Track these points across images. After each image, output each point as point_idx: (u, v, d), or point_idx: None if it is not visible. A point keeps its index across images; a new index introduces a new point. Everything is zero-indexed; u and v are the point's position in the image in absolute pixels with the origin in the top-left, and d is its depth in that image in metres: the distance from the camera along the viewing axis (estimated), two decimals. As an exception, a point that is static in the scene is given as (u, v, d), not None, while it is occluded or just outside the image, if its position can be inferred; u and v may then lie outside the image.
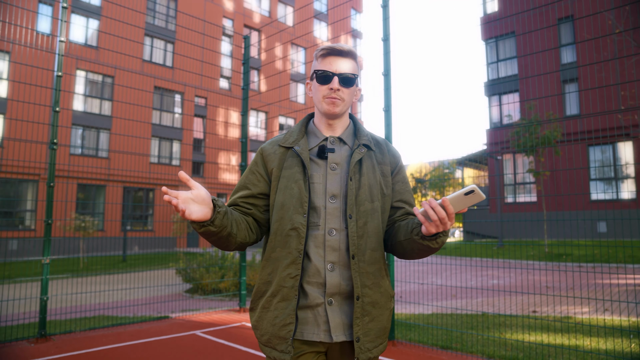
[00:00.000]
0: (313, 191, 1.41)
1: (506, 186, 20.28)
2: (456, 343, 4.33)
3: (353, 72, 1.45)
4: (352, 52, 1.46)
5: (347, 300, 1.39)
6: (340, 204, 1.41)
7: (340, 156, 1.47)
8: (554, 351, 3.99)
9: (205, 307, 6.86)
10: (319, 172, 1.44)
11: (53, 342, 4.48)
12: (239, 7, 29.78)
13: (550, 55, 18.73)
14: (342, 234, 1.39)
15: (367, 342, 1.36)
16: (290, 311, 1.34)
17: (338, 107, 1.44)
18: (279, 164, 1.46)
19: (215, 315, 5.89)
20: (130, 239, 20.99)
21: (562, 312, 5.96)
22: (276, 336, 1.35)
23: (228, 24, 29.32)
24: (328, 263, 1.37)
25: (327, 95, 1.43)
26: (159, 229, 23.55)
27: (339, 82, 1.42)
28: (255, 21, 30.75)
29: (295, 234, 1.37)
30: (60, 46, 4.78)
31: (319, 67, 1.45)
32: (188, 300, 7.93)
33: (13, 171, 19.43)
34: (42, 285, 4.48)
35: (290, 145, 1.47)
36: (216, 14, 28.24)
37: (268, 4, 32.04)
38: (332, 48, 1.44)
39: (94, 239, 19.17)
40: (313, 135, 1.52)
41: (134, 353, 4.17)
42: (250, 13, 30.48)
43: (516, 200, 20.16)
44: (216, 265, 8.76)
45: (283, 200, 1.41)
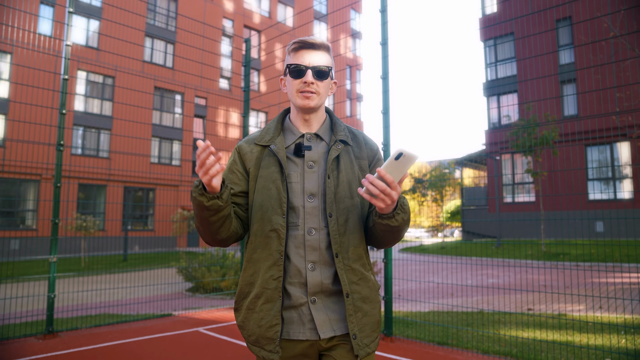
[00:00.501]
0: (291, 191, 1.40)
1: (505, 186, 20.41)
2: (452, 339, 4.45)
3: (327, 64, 1.43)
4: (324, 44, 1.44)
5: (331, 297, 1.39)
6: (319, 203, 1.40)
7: (318, 153, 1.45)
8: (546, 346, 4.11)
9: (206, 305, 6.98)
10: (297, 170, 1.43)
11: (60, 338, 4.61)
12: (239, 7, 29.90)
13: (548, 56, 18.86)
14: (322, 233, 1.38)
15: (363, 337, 1.38)
16: (276, 312, 1.35)
17: (313, 101, 1.42)
18: (257, 163, 1.45)
19: (217, 313, 6.01)
20: (131, 238, 21.10)
21: (557, 309, 6.09)
22: (263, 337, 1.36)
23: (228, 24, 29.43)
24: (309, 263, 1.37)
25: (301, 89, 1.41)
26: (159, 228, 23.66)
27: (312, 75, 1.40)
28: (255, 22, 30.87)
29: (275, 235, 1.37)
30: (67, 50, 4.90)
31: (291, 61, 1.43)
32: (190, 299, 8.05)
33: (15, 171, 19.56)
34: (50, 283, 4.60)
35: (266, 144, 1.45)
36: (216, 14, 28.35)
37: (268, 4, 32.16)
38: (304, 41, 1.42)
39: (94, 239, 19.29)
40: (289, 132, 1.50)
41: (139, 349, 4.29)
42: (250, 14, 30.60)
43: (514, 200, 20.29)
44: (217, 265, 8.88)
45: (261, 201, 1.40)
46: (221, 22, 28.68)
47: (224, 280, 8.40)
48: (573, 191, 16.00)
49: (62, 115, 4.82)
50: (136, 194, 24.84)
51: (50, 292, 4.58)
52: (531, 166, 15.41)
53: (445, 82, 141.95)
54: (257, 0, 31.71)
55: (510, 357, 3.86)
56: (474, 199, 24.17)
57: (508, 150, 18.39)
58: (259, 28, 30.98)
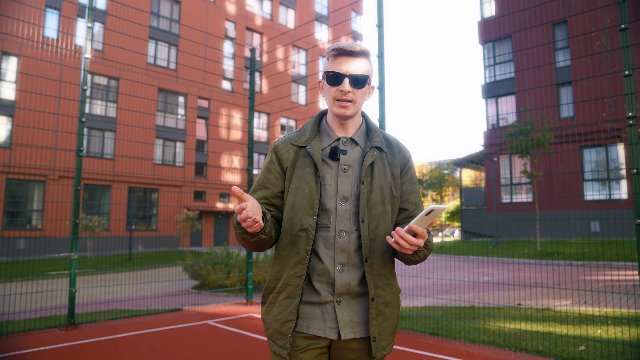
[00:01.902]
0: (324, 193, 1.43)
1: (502, 187, 20.74)
2: (443, 330, 4.81)
3: (365, 72, 1.44)
4: (363, 51, 1.44)
5: (356, 299, 1.43)
6: (351, 207, 1.43)
7: (352, 158, 1.47)
8: (529, 336, 4.47)
9: (212, 301, 7.34)
10: (331, 173, 1.45)
11: (81, 329, 4.98)
12: (241, 10, 30.26)
13: (545, 59, 19.19)
14: (352, 236, 1.41)
15: (382, 340, 1.42)
16: (293, 309, 1.39)
17: (349, 110, 1.44)
18: (292, 163, 1.47)
19: (224, 308, 6.38)
20: (135, 238, 21.47)
21: (545, 304, 6.44)
22: (278, 331, 1.40)
23: (230, 26, 29.79)
24: (337, 264, 1.40)
25: (338, 97, 1.43)
26: (162, 228, 24.05)
27: (349, 83, 1.42)
28: (257, 24, 31.22)
29: (304, 235, 1.40)
30: (86, 62, 5.26)
31: (330, 67, 1.44)
32: (196, 296, 8.41)
33: (21, 172, 19.96)
34: (71, 279, 4.97)
35: (303, 145, 1.48)
36: (218, 17, 28.72)
37: (270, 6, 32.51)
38: (343, 48, 1.42)
39: (100, 238, 19.69)
40: (325, 134, 1.52)
41: (154, 339, 4.66)
42: (252, 16, 30.95)
43: (512, 200, 20.63)
44: (222, 263, 9.23)
45: (294, 201, 1.43)
46: (223, 24, 29.05)
47: (229, 278, 8.75)
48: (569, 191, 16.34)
49: (81, 123, 5.19)
50: (139, 194, 25.21)
51: (72, 287, 4.95)
52: (527, 168, 15.74)
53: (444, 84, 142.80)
54: (259, 3, 32.07)
55: (495, 345, 4.22)
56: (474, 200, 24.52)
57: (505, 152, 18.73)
58: (261, 30, 31.34)
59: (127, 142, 22.06)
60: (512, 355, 3.95)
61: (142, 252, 21.11)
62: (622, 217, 6.25)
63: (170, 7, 27.01)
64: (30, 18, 19.10)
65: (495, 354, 3.97)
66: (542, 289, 7.75)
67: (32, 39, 19.60)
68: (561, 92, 19.61)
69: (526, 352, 3.98)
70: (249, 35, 30.94)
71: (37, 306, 6.47)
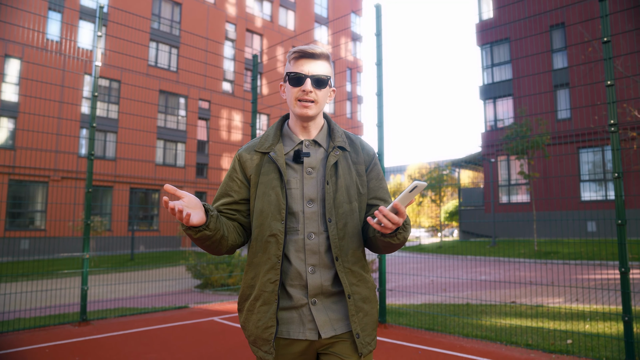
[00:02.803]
0: (290, 197, 1.44)
1: (500, 187, 20.98)
2: (439, 326, 5.05)
3: (326, 73, 1.47)
4: (324, 53, 1.47)
5: (331, 298, 1.45)
6: (318, 208, 1.45)
7: (316, 159, 1.49)
8: (520, 331, 4.71)
9: (216, 300, 7.57)
10: (296, 177, 1.46)
11: (93, 325, 5.21)
12: (241, 12, 30.49)
13: (542, 61, 19.44)
14: (322, 237, 1.43)
15: (365, 336, 1.44)
16: (271, 314, 1.40)
17: (311, 110, 1.46)
18: (257, 170, 1.49)
19: (228, 305, 6.61)
20: (137, 238, 21.69)
21: (539, 302, 6.68)
22: (260, 338, 1.41)
23: (231, 28, 30.02)
24: (309, 266, 1.42)
25: (300, 97, 1.45)
26: (163, 228, 24.28)
27: (311, 83, 1.44)
28: (257, 25, 31.46)
29: (274, 240, 1.41)
30: (97, 70, 5.49)
31: (291, 69, 1.47)
32: (200, 294, 8.64)
33: (24, 173, 20.18)
34: (83, 277, 5.20)
35: (266, 151, 1.49)
36: (219, 19, 28.96)
37: (270, 8, 32.75)
38: (304, 51, 1.45)
39: (102, 238, 19.91)
40: (288, 138, 1.54)
41: (163, 334, 4.89)
42: (252, 18, 31.19)
43: (510, 201, 20.87)
44: (224, 262, 9.46)
45: (262, 207, 1.44)
46: (224, 26, 29.28)
47: (231, 277, 8.98)
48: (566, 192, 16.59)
49: (92, 128, 5.41)
50: (140, 195, 25.44)
51: (84, 285, 5.18)
52: (524, 169, 15.98)
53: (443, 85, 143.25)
54: (259, 5, 32.31)
55: (487, 340, 4.46)
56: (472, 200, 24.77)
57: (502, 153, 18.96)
58: (261, 32, 31.58)
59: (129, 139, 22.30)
60: (502, 348, 4.18)
61: (144, 252, 21.35)
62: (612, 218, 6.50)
63: (171, 9, 27.24)
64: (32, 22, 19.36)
65: (487, 347, 4.21)
66: (536, 288, 7.99)
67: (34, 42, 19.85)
68: (558, 93, 19.85)
69: (516, 346, 4.21)
70: (249, 37, 31.18)
71: (44, 304, 6.69)
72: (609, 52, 3.75)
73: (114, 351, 4.20)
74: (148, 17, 25.63)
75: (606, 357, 3.76)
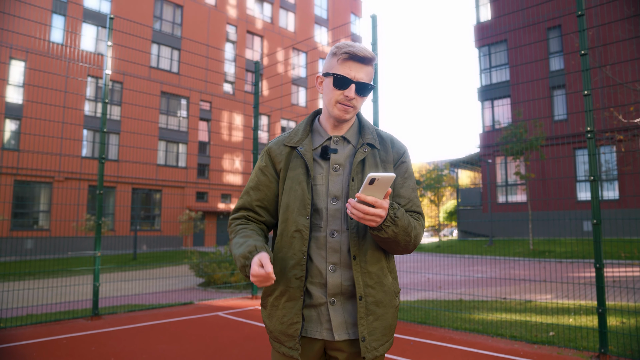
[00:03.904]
0: (315, 193, 1.43)
1: (498, 187, 21.27)
2: (431, 319, 5.35)
3: (370, 80, 1.45)
4: (373, 58, 1.43)
5: (350, 300, 1.42)
6: (342, 205, 1.42)
7: (344, 156, 1.47)
8: (507, 324, 5.01)
9: (219, 297, 7.86)
10: (322, 173, 1.45)
11: (104, 320, 5.51)
12: (242, 14, 30.80)
13: (539, 63, 19.71)
14: (344, 235, 1.41)
15: (372, 340, 1.39)
16: (297, 310, 1.39)
17: (349, 115, 1.45)
18: (285, 164, 1.48)
19: (232, 302, 6.91)
20: (139, 237, 21.98)
21: (528, 298, 6.97)
22: (284, 334, 1.41)
23: (231, 30, 30.33)
24: (329, 264, 1.40)
25: (341, 101, 1.42)
26: (165, 228, 24.59)
27: (355, 90, 1.41)
28: (258, 27, 31.76)
29: (299, 236, 1.40)
30: (107, 77, 5.79)
31: (338, 70, 1.42)
32: (203, 292, 8.93)
33: (28, 174, 20.49)
34: (95, 274, 5.50)
35: (294, 145, 1.48)
36: (220, 21, 29.27)
37: (270, 10, 33.05)
38: (355, 53, 1.39)
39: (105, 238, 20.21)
40: (317, 134, 1.52)
41: (172, 327, 5.19)
42: (252, 20, 31.49)
43: (507, 201, 21.16)
44: (226, 261, 9.74)
45: (288, 202, 1.44)
46: (225, 28, 29.59)
47: (233, 275, 9.26)
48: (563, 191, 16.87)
49: (103, 133, 5.71)
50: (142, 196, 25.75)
51: (96, 282, 5.48)
52: (520, 169, 16.27)
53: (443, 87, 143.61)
54: (260, 7, 32.61)
55: (475, 332, 4.75)
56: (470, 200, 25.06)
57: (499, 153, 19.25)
58: (262, 34, 31.88)
59: (131, 142, 22.62)
60: (489, 339, 4.48)
61: (146, 251, 21.67)
62: (610, 218, 6.82)
63: (173, 11, 27.55)
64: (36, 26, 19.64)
65: (474, 339, 4.50)
66: (528, 285, 8.29)
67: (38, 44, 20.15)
68: (555, 94, 20.13)
69: (502, 337, 4.51)
70: (250, 39, 31.48)
71: (52, 301, 6.99)
72: (586, 64, 4.04)
73: (126, 342, 4.50)
74: (150, 19, 25.94)
75: (583, 347, 4.05)
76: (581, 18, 4.09)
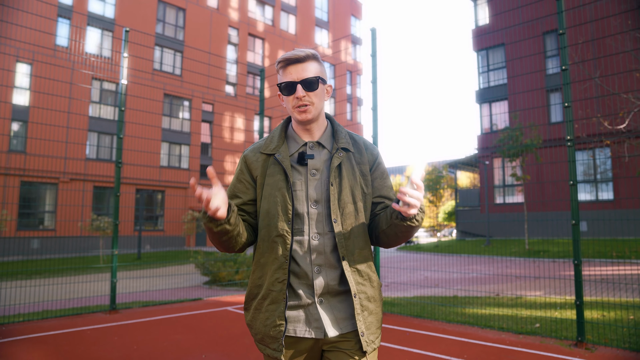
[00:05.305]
0: (295, 198, 1.46)
1: (496, 188, 21.66)
2: (426, 313, 5.73)
3: (315, 74, 1.47)
4: (309, 54, 1.47)
5: (337, 297, 1.47)
6: (323, 209, 1.46)
7: (320, 161, 1.51)
8: (497, 317, 5.39)
9: (225, 294, 8.25)
10: (300, 179, 1.48)
11: (121, 313, 5.90)
12: (243, 16, 31.20)
13: (536, 66, 20.09)
14: (326, 237, 1.45)
15: (370, 334, 1.45)
16: (280, 313, 1.42)
17: (310, 114, 1.47)
18: (262, 171, 1.50)
19: (238, 298, 7.29)
20: (143, 237, 22.36)
21: (519, 295, 7.36)
22: (268, 335, 1.43)
23: (233, 33, 30.72)
24: (315, 266, 1.43)
25: (296, 105, 1.46)
26: (168, 228, 24.98)
27: (302, 88, 1.44)
28: (259, 30, 32.16)
29: (281, 241, 1.43)
30: (123, 87, 6.17)
31: (281, 79, 1.48)
32: (208, 290, 9.31)
33: (34, 175, 20.89)
34: (113, 271, 5.89)
35: (271, 152, 1.51)
36: (222, 24, 29.67)
37: (271, 13, 33.45)
38: (288, 58, 1.45)
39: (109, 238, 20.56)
40: (293, 140, 1.54)
41: (184, 320, 5.57)
42: (254, 22, 31.89)
43: (505, 201, 21.54)
44: (231, 260, 10.12)
45: (268, 208, 1.46)
46: (227, 31, 29.99)
47: (238, 274, 9.64)
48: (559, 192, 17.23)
49: (119, 139, 6.09)
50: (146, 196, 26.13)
51: (113, 278, 5.87)
52: (516, 171, 16.65)
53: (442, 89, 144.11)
54: (261, 9, 33.02)
55: (467, 324, 5.13)
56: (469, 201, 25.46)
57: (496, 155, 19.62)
58: (263, 36, 32.28)
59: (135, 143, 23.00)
60: (479, 331, 4.86)
61: (150, 251, 22.06)
62: (605, 219, 7.21)
63: (175, 14, 27.95)
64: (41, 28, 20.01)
65: (466, 330, 4.89)
66: (521, 283, 8.67)
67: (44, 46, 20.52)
68: (551, 97, 20.51)
69: (491, 329, 4.89)
70: (251, 41, 31.87)
71: (63, 298, 7.37)
72: (567, 78, 4.42)
73: (145, 333, 4.88)
74: (153, 22, 26.32)
75: (564, 336, 4.44)
76: (562, 36, 4.47)
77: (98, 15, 24.36)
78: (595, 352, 3.97)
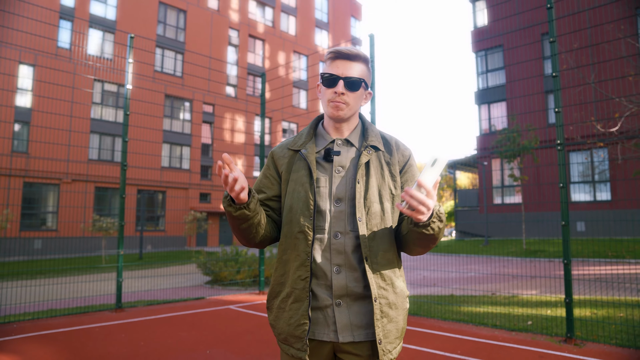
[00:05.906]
0: (318, 195, 1.43)
1: (494, 188, 21.83)
2: (423, 311, 5.91)
3: (360, 76, 1.45)
4: (360, 55, 1.46)
5: (357, 301, 1.41)
6: (346, 207, 1.42)
7: (347, 158, 1.48)
8: (492, 315, 5.57)
9: (227, 293, 8.42)
10: (325, 175, 1.46)
11: (127, 312, 6.08)
12: (244, 18, 31.38)
13: (534, 67, 20.26)
14: (348, 237, 1.41)
15: (387, 343, 1.38)
16: (304, 312, 1.38)
17: (342, 111, 1.45)
18: (288, 167, 1.50)
19: (240, 297, 7.47)
20: (144, 238, 22.53)
21: (515, 294, 7.53)
22: (292, 335, 1.40)
23: (234, 34, 30.91)
24: (334, 266, 1.39)
25: (332, 99, 1.44)
26: (170, 229, 25.17)
27: (344, 85, 1.43)
28: (260, 31, 32.34)
29: (303, 237, 1.40)
30: (128, 92, 6.35)
31: (326, 70, 1.47)
32: (210, 289, 9.48)
33: (37, 176, 21.07)
34: (118, 270, 6.06)
35: (297, 149, 1.50)
36: (222, 25, 29.86)
37: (271, 14, 33.64)
38: (340, 51, 1.44)
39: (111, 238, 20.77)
40: (321, 137, 1.54)
41: (189, 318, 5.75)
42: (254, 24, 32.08)
43: (503, 202, 21.72)
44: (232, 260, 10.29)
45: (291, 204, 1.45)
46: (227, 32, 30.17)
47: (239, 273, 9.81)
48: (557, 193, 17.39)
49: (124, 142, 6.27)
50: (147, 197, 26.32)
51: (119, 277, 6.04)
52: (514, 172, 16.82)
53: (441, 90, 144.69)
54: (261, 11, 33.21)
55: (462, 322, 5.31)
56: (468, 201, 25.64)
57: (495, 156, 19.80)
58: (263, 37, 32.47)
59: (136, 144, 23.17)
60: (473, 328, 5.04)
61: (151, 251, 22.25)
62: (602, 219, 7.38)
63: (176, 16, 28.14)
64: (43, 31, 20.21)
65: (460, 327, 5.06)
66: (516, 282, 8.84)
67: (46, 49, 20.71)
68: (549, 98, 20.68)
69: (485, 326, 5.07)
70: (252, 42, 32.06)
71: (68, 297, 7.55)
72: (557, 84, 4.60)
73: (151, 330, 5.06)
74: (154, 24, 26.51)
75: (555, 333, 4.61)
76: (553, 44, 4.65)
77: (99, 17, 24.54)
78: (584, 347, 4.14)
